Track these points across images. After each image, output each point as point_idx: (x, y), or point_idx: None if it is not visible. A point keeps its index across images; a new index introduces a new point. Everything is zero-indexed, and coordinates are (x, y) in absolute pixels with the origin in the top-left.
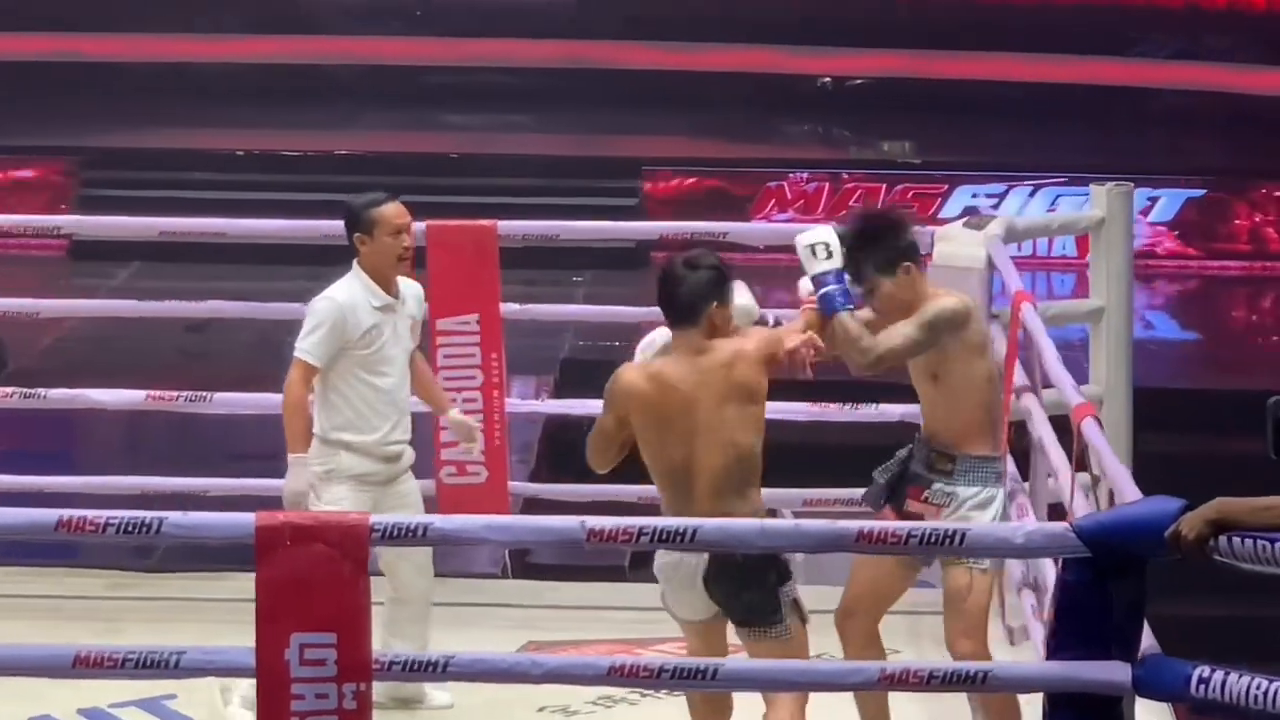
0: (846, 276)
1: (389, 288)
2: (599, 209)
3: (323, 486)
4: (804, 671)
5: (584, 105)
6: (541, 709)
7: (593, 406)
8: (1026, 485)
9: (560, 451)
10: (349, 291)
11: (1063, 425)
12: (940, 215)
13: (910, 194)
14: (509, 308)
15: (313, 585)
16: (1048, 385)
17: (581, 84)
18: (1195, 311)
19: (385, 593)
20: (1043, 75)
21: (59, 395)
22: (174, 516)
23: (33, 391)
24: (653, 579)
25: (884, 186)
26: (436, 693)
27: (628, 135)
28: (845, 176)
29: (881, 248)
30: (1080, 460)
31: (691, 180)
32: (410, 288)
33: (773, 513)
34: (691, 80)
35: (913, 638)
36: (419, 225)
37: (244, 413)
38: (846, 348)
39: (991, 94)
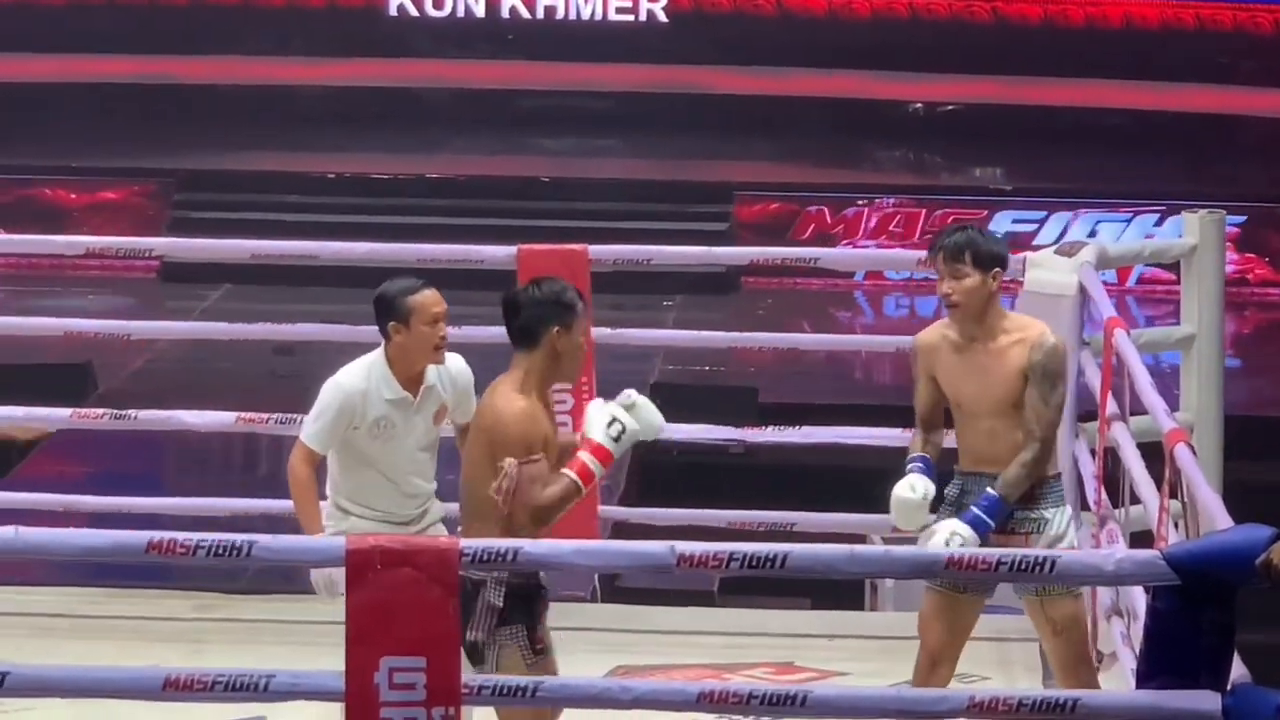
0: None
1: (411, 382)
2: (689, 234)
3: None
4: (894, 700)
5: (675, 129)
6: None
7: (682, 430)
8: (1117, 512)
9: (649, 475)
10: (364, 378)
11: (1150, 452)
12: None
13: (950, 218)
14: (600, 332)
15: (402, 609)
16: (1135, 412)
17: (672, 108)
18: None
19: None
20: (1133, 102)
21: (149, 417)
22: (264, 539)
23: (123, 413)
24: (739, 604)
25: (924, 211)
26: None
27: (718, 160)
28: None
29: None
30: (1171, 487)
31: (780, 205)
32: (446, 369)
33: (862, 539)
34: (782, 105)
35: (1002, 665)
36: (509, 249)
37: None
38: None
39: (1081, 121)
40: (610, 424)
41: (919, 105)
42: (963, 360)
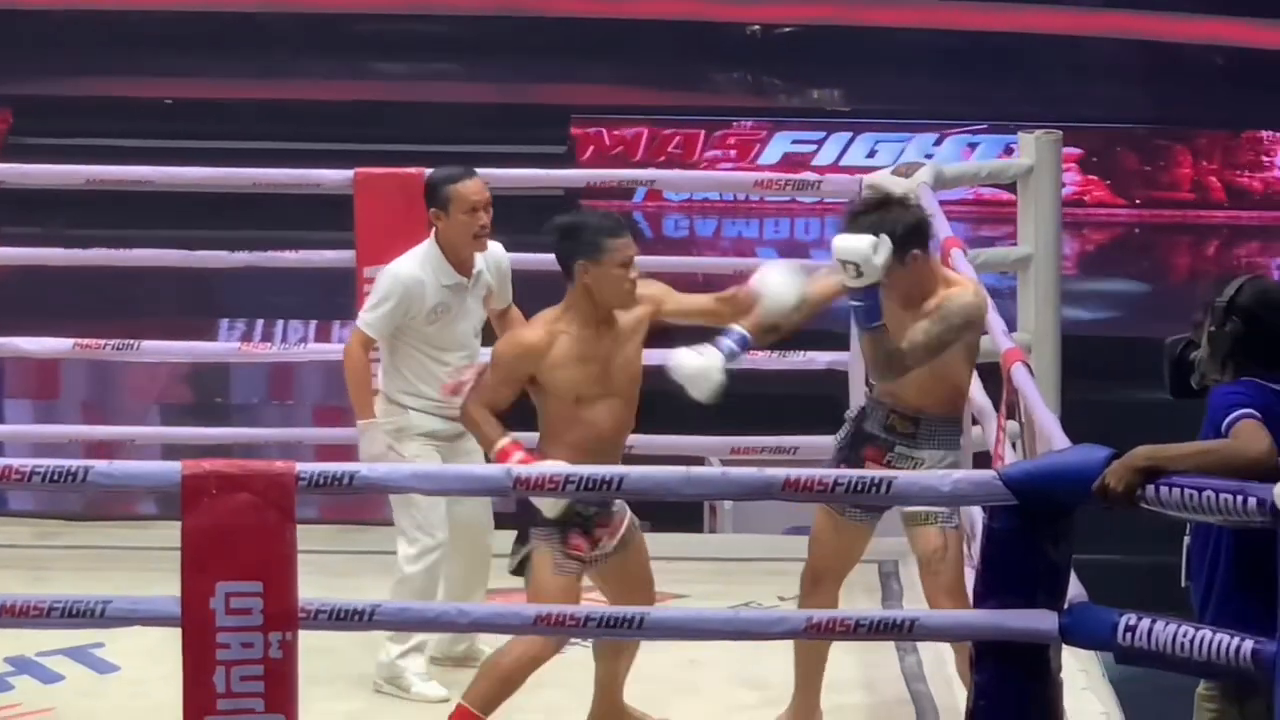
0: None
1: (463, 266)
2: (527, 157)
3: (399, 444)
4: (731, 621)
5: (512, 53)
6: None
7: None
8: None
9: None
10: (420, 266)
11: (988, 373)
12: (759, 161)
13: (731, 140)
14: None
15: (238, 534)
16: None
17: (509, 31)
18: (1122, 259)
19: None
20: (975, 24)
21: None
22: (100, 465)
23: None
24: None
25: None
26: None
27: (556, 83)
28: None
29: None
30: (1009, 407)
31: (618, 127)
32: (493, 254)
33: (700, 461)
34: (620, 27)
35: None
36: (346, 173)
37: (173, 360)
38: (885, 358)
39: (921, 42)
40: None
41: (756, 27)
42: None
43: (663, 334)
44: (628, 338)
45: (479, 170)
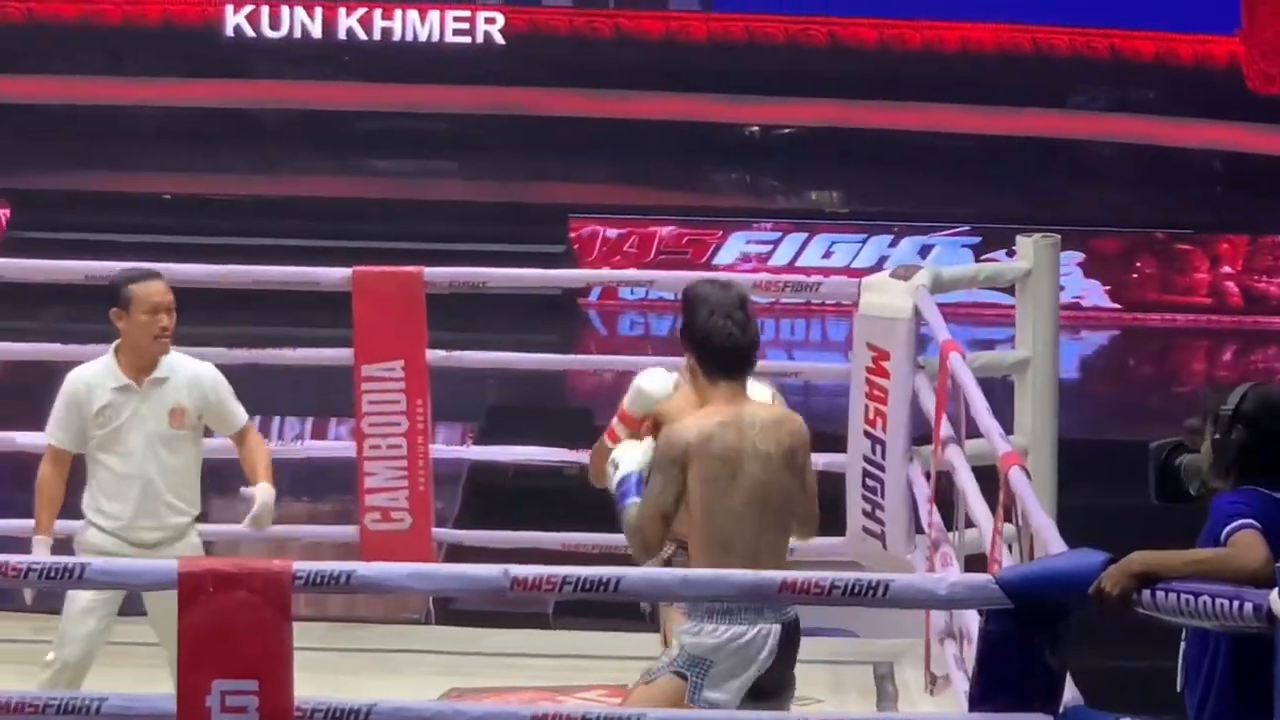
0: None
1: (139, 369)
2: (526, 256)
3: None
4: None
5: (511, 152)
6: None
7: (516, 453)
8: (952, 536)
9: (484, 498)
10: (94, 369)
11: (985, 476)
12: (713, 262)
13: (685, 239)
14: (435, 354)
15: (235, 632)
16: (971, 436)
17: (509, 130)
18: (1117, 363)
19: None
20: (970, 126)
21: None
22: (98, 563)
23: None
24: (573, 626)
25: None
26: None
27: (555, 182)
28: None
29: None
30: (1006, 510)
31: (617, 227)
32: (187, 371)
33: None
34: (619, 127)
35: (836, 688)
36: (344, 271)
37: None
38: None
39: (920, 145)
40: None
41: (755, 128)
42: None
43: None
44: None
45: (474, 269)
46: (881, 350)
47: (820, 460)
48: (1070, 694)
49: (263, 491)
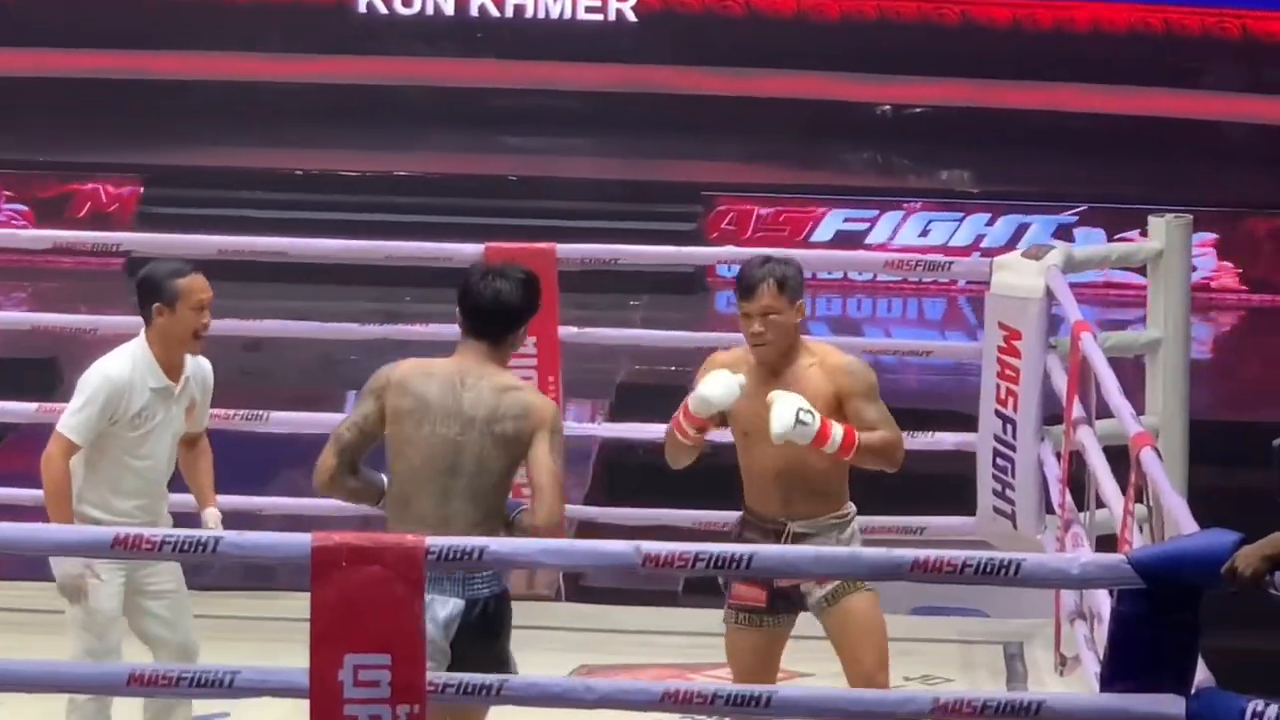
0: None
1: (173, 369)
2: (657, 234)
3: (96, 563)
4: (857, 700)
5: (643, 129)
6: None
7: (648, 430)
8: (1083, 516)
9: (615, 475)
10: (128, 368)
11: (1116, 456)
12: (810, 239)
13: (781, 216)
14: (567, 331)
15: (367, 606)
16: (1102, 416)
17: (641, 108)
18: (1248, 344)
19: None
20: (1100, 106)
21: None
22: (230, 536)
23: None
24: (704, 604)
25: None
26: None
27: (687, 160)
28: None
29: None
30: (1137, 491)
31: (748, 205)
32: (199, 367)
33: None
34: (750, 106)
35: (966, 667)
36: (477, 247)
37: (301, 432)
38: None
39: (1049, 124)
40: None
41: (887, 107)
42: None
43: None
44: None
45: (606, 245)
46: (1013, 330)
47: (951, 439)
48: (1202, 675)
49: (215, 518)
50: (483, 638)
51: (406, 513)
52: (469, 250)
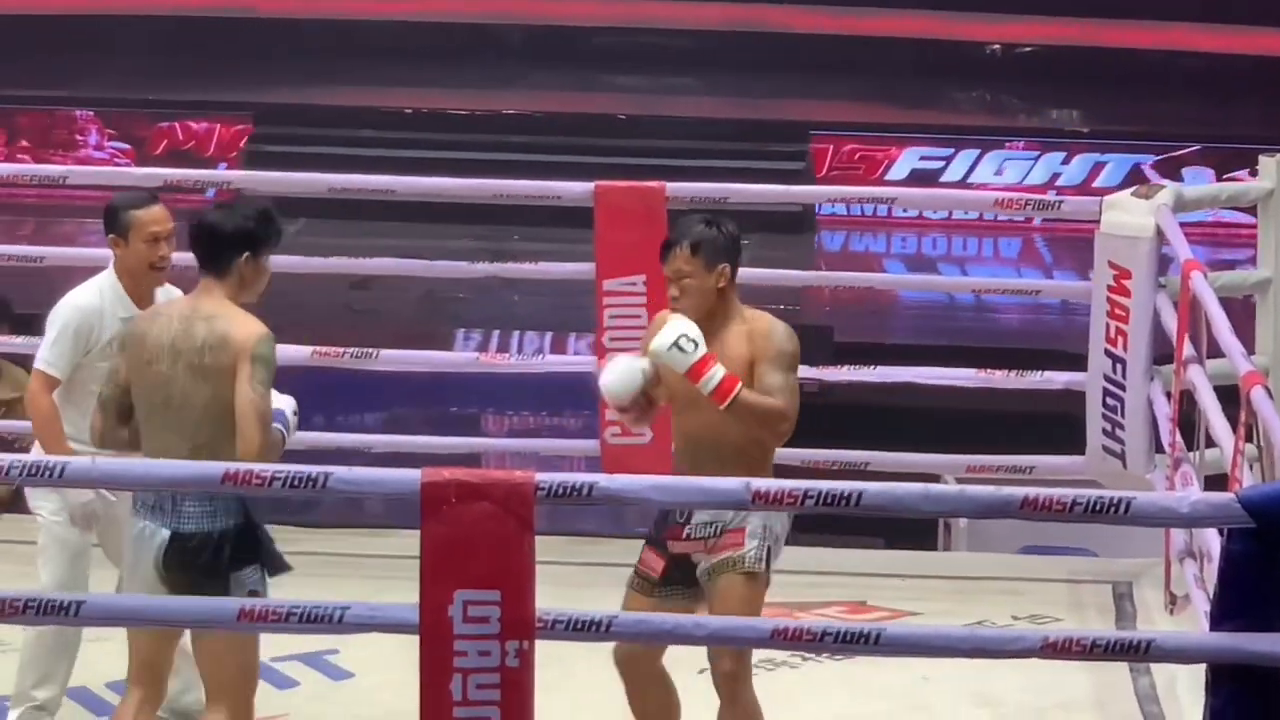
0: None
1: (142, 299)
2: (765, 172)
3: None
4: (968, 638)
5: (751, 68)
6: (702, 670)
7: None
8: (1192, 455)
9: None
10: (97, 297)
11: (1226, 396)
12: (886, 177)
13: (857, 155)
14: None
15: (477, 543)
16: (1212, 355)
17: (749, 46)
18: None
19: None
20: (1209, 45)
21: None
22: (340, 471)
23: None
24: (812, 543)
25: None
26: None
27: (795, 99)
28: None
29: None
30: (1247, 430)
31: (856, 144)
32: (170, 297)
33: (936, 478)
34: (859, 44)
35: (1075, 607)
36: (587, 185)
37: (409, 369)
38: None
39: (1161, 63)
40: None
41: (997, 46)
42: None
43: None
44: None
45: (715, 184)
46: (1123, 269)
47: (1061, 378)
48: None
49: None
50: (198, 571)
51: (145, 449)
52: (578, 189)
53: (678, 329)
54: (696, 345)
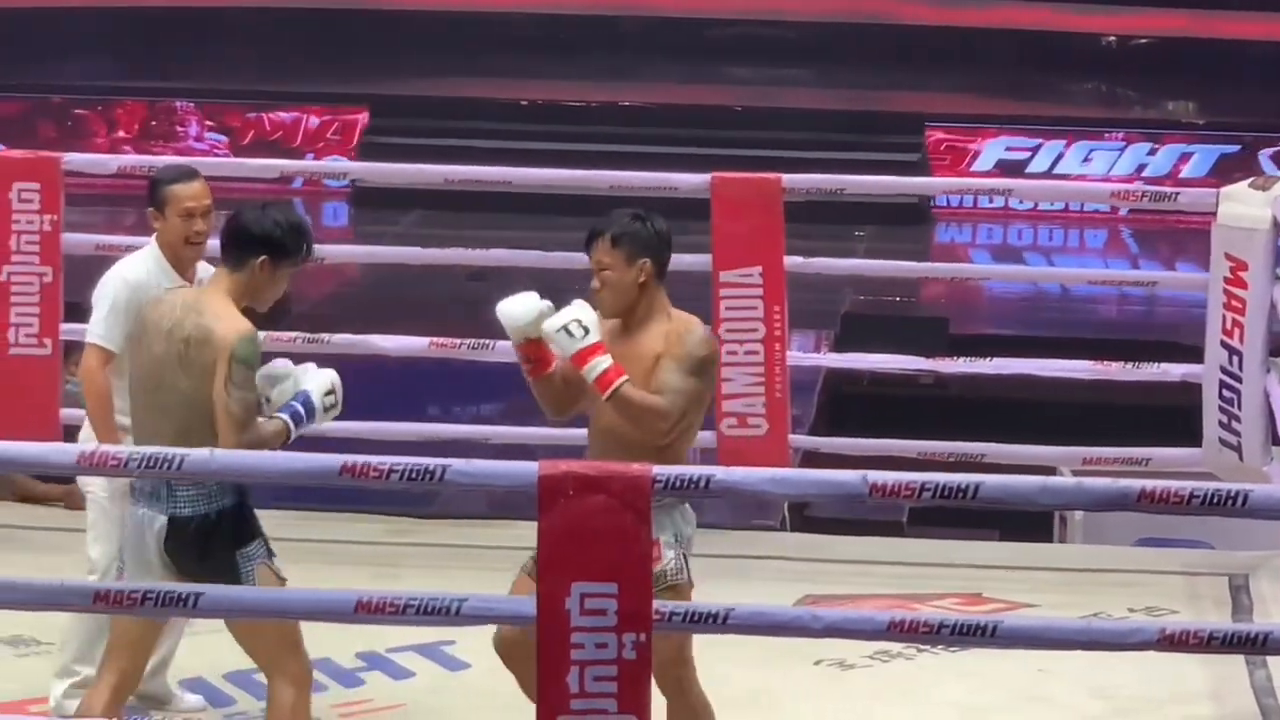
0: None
1: (184, 272)
2: (880, 164)
3: None
4: (1085, 630)
5: (865, 60)
6: (818, 662)
7: (872, 360)
8: None
9: (839, 406)
10: (142, 269)
11: None
12: (971, 168)
13: (943, 145)
14: (792, 261)
15: (594, 535)
16: None
17: (863, 38)
18: None
19: None
20: None
21: (342, 340)
22: (457, 464)
23: (316, 336)
24: (930, 535)
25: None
26: (188, 695)
27: (909, 91)
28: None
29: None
30: None
31: (971, 136)
32: (209, 273)
33: (1052, 470)
34: (973, 36)
35: (1192, 599)
36: (703, 177)
37: None
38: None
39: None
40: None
41: (1112, 38)
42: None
43: None
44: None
45: (831, 175)
46: (1239, 261)
47: (1178, 370)
48: None
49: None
50: (200, 554)
51: (133, 430)
52: (694, 180)
53: (571, 314)
54: (587, 332)
